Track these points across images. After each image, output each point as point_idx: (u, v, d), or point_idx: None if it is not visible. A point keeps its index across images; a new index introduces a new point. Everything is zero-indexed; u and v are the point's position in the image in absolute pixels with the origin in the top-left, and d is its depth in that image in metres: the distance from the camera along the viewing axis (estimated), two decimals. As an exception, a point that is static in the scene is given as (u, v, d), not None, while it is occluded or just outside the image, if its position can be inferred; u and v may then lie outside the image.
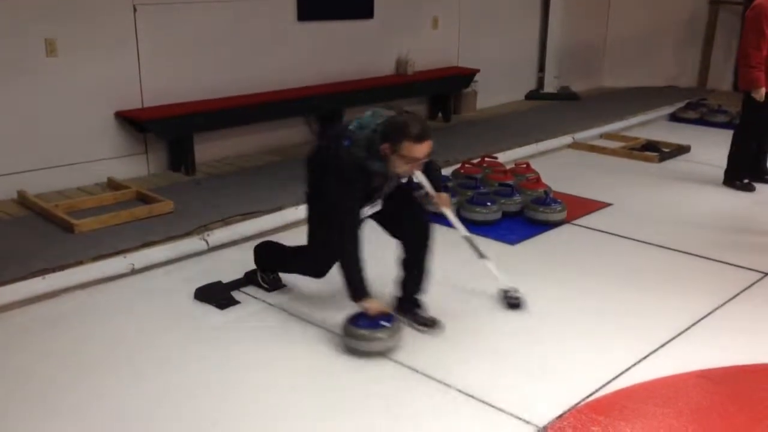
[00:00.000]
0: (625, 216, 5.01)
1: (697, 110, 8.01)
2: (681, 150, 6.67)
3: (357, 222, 3.10)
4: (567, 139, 6.90)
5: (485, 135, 6.78)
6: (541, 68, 8.74)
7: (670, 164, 6.36)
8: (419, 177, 3.22)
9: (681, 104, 8.23)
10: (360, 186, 3.04)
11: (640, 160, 6.43)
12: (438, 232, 3.41)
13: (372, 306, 3.09)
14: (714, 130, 7.29)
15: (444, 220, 3.46)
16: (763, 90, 5.31)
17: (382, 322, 3.10)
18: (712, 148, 6.27)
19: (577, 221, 4.86)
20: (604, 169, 6.16)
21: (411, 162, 2.98)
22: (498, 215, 4.75)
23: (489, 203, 4.74)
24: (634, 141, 6.92)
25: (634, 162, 6.40)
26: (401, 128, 2.93)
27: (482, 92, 7.77)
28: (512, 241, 4.50)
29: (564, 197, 5.01)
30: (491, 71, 7.71)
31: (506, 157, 5.98)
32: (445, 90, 7.38)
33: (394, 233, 3.38)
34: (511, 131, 6.90)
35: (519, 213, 4.88)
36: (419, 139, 2.92)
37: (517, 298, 3.55)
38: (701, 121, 7.78)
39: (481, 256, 3.54)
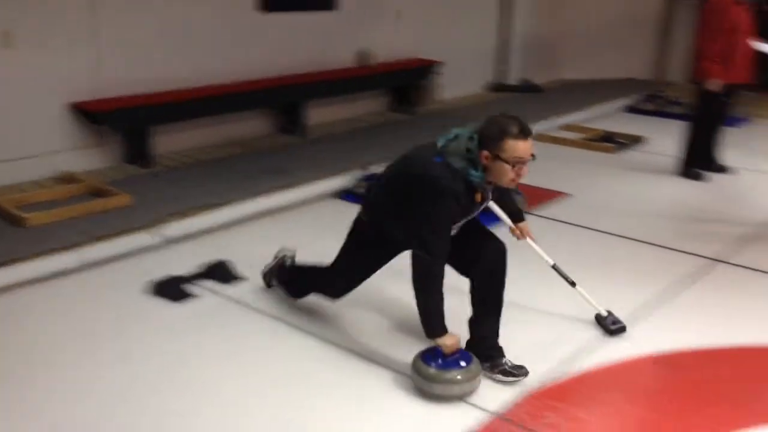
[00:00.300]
0: (584, 206, 5.08)
1: (654, 102, 8.16)
2: (637, 141, 6.79)
3: (448, 247, 2.73)
4: (529, 131, 6.94)
5: (448, 127, 6.78)
6: (503, 60, 8.81)
7: (628, 155, 6.47)
8: (493, 207, 3.03)
9: (639, 96, 8.37)
10: (460, 203, 2.70)
11: (598, 151, 6.52)
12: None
13: (451, 343, 2.74)
14: (670, 121, 7.42)
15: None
16: (716, 81, 5.43)
17: (461, 362, 2.75)
18: (668, 139, 6.38)
19: (536, 211, 4.91)
20: (564, 160, 6.24)
21: (516, 163, 2.65)
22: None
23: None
24: (593, 132, 7.02)
25: (592, 153, 6.49)
26: (499, 127, 2.66)
27: (445, 84, 7.80)
28: (472, 232, 4.51)
29: (524, 188, 5.00)
30: (454, 63, 7.73)
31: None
32: (407, 82, 7.39)
33: (460, 267, 2.96)
34: (473, 123, 6.92)
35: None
36: (521, 135, 2.63)
37: (618, 323, 3.30)
38: (658, 113, 7.93)
39: (572, 283, 3.37)
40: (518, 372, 2.88)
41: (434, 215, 2.68)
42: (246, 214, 4.58)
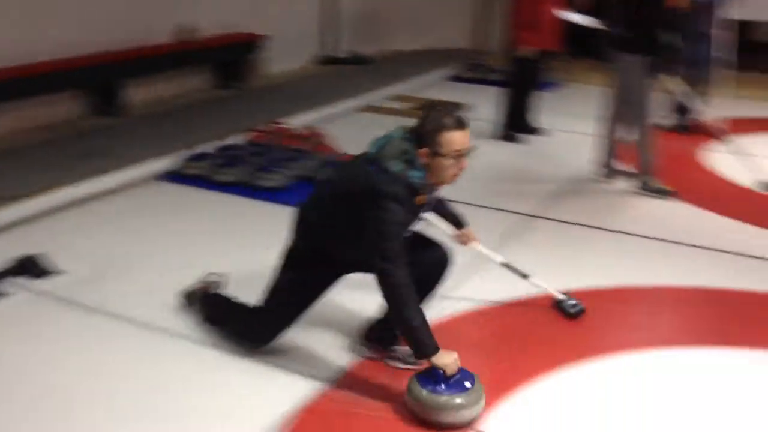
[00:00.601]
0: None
1: (475, 70, 8.57)
2: (459, 108, 7.09)
3: (406, 256, 2.54)
4: (359, 102, 7.04)
5: (277, 101, 6.74)
6: (331, 32, 8.82)
7: (453, 122, 6.73)
8: (431, 218, 2.93)
9: (462, 65, 8.74)
10: (404, 206, 2.54)
11: (425, 119, 6.74)
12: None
13: (451, 361, 2.51)
14: (490, 88, 7.79)
15: None
16: (527, 48, 5.79)
17: (466, 383, 2.50)
18: (488, 105, 6.72)
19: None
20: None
21: (456, 157, 2.55)
22: (288, 180, 4.73)
23: (279, 169, 4.72)
24: (419, 101, 7.24)
25: (420, 121, 6.69)
26: (434, 122, 2.54)
27: (272, 58, 7.68)
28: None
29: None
30: (281, 36, 7.63)
31: (299, 122, 5.97)
32: (232, 57, 7.20)
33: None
34: (302, 96, 6.91)
35: (312, 177, 4.90)
36: (457, 127, 2.53)
37: (577, 305, 3.32)
38: (479, 80, 8.33)
39: (524, 276, 3.38)
40: (415, 362, 2.73)
41: (383, 223, 2.51)
42: (60, 203, 4.26)
